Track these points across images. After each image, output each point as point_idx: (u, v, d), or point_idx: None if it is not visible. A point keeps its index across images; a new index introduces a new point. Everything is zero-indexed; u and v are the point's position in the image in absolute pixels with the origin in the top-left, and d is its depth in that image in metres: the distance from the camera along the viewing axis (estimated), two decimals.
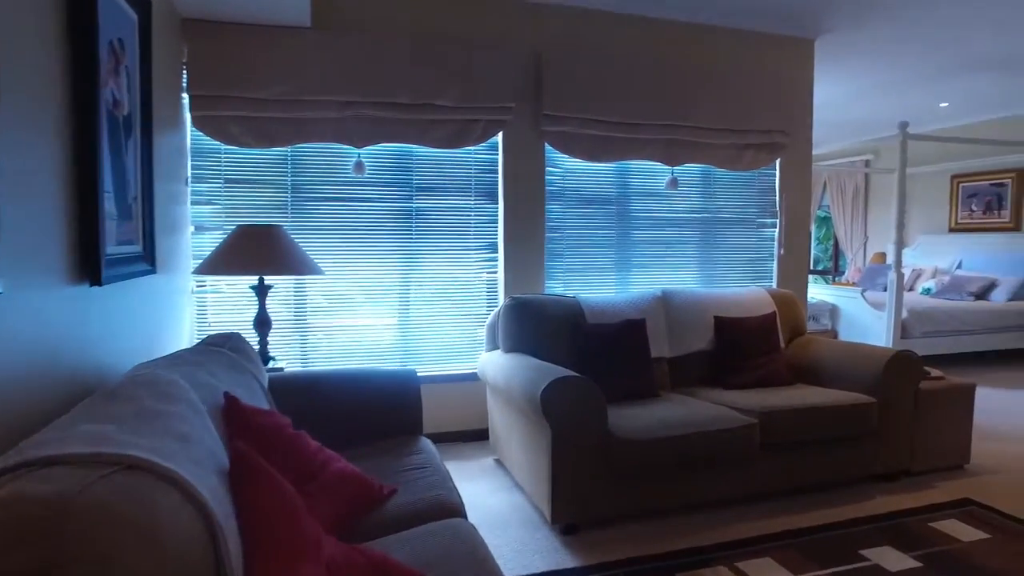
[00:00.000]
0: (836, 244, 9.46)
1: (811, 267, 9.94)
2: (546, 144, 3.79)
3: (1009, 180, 6.99)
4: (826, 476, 2.97)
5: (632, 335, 3.17)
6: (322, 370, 2.56)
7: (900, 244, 5.49)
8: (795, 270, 4.44)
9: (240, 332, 2.49)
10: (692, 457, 2.59)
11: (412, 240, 3.66)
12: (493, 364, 3.13)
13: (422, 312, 3.72)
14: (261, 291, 3.01)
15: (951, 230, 7.59)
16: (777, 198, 4.37)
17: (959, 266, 7.17)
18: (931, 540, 2.53)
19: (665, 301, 3.50)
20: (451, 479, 2.04)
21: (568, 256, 3.94)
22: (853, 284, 7.74)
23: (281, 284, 3.51)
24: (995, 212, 7.14)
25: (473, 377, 3.71)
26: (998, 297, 6.37)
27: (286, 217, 3.48)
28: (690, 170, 4.19)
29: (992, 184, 7.15)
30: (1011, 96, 6.24)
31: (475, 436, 3.78)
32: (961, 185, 7.47)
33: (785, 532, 2.59)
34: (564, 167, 3.90)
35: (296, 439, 1.74)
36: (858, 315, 5.94)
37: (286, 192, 3.48)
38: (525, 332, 3.15)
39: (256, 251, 2.80)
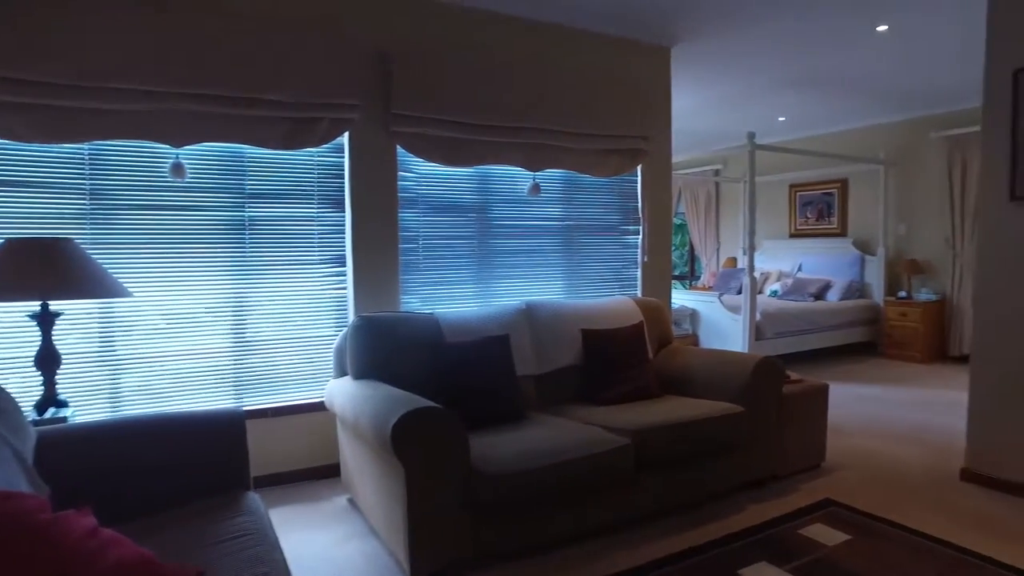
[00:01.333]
0: (692, 250, 9.87)
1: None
2: (398, 147, 3.47)
3: (835, 189, 7.57)
4: (700, 491, 2.87)
5: (495, 353, 2.92)
6: (121, 417, 2.07)
7: (752, 249, 5.70)
8: (659, 277, 4.42)
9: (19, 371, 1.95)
10: (566, 486, 2.37)
11: (246, 254, 3.20)
12: (341, 393, 2.76)
13: (261, 336, 3.25)
14: (45, 320, 2.44)
15: (791, 235, 8.11)
16: (640, 205, 4.33)
17: (800, 269, 7.67)
18: (801, 549, 2.48)
19: (529, 314, 3.29)
20: (279, 548, 1.66)
21: (425, 268, 3.64)
22: (709, 288, 8.06)
23: (80, 311, 2.91)
24: (826, 219, 7.70)
25: (323, 406, 3.30)
26: (832, 297, 6.84)
27: (84, 229, 2.89)
28: (553, 176, 4.04)
29: (823, 193, 7.72)
30: (837, 113, 6.74)
31: (328, 472, 3.37)
32: (798, 193, 8.01)
33: (666, 558, 2.44)
34: (419, 172, 3.60)
35: (51, 527, 1.29)
36: (717, 319, 6.11)
37: (84, 198, 2.90)
38: (376, 355, 2.81)
39: (35, 271, 2.26)
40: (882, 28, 4.23)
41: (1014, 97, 2.97)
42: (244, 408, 3.19)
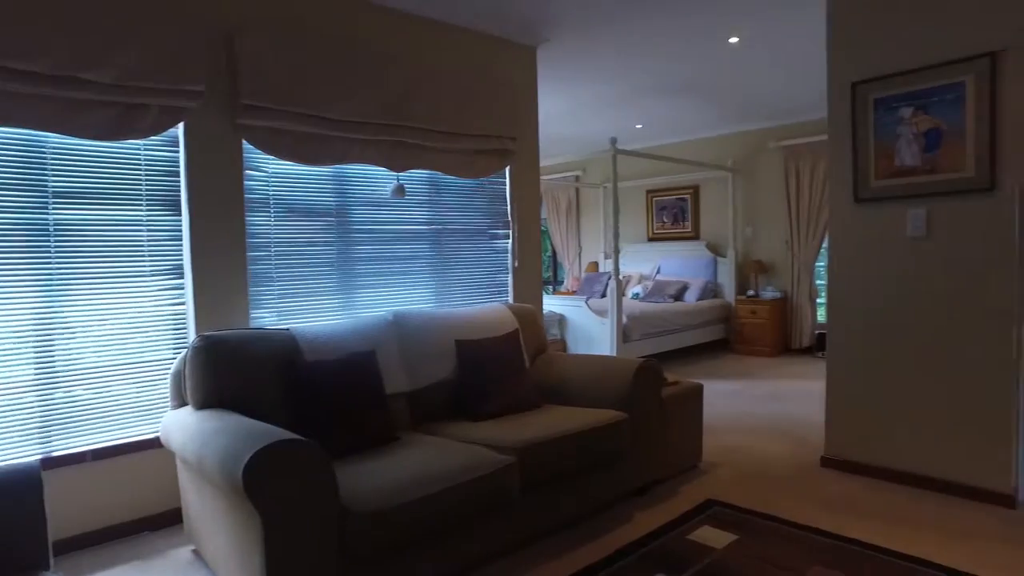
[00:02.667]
0: (554, 255, 9.97)
1: None
2: (245, 142, 3.07)
3: (688, 195, 7.95)
4: (588, 504, 2.75)
5: (361, 370, 2.63)
6: None
7: (617, 252, 5.78)
8: (530, 282, 4.31)
9: None
10: (446, 515, 2.13)
11: (52, 265, 2.65)
12: (180, 427, 2.34)
13: (76, 365, 2.71)
14: None
15: (650, 239, 8.41)
16: (509, 208, 4.19)
17: (659, 271, 7.96)
18: (694, 555, 2.42)
19: (398, 326, 3.02)
20: None
21: (280, 279, 3.24)
22: (573, 293, 8.15)
23: None
24: (681, 223, 8.06)
25: (160, 443, 2.81)
26: (690, 298, 7.14)
27: None
28: (418, 177, 3.79)
29: (677, 198, 8.08)
30: (690, 121, 7.07)
31: (167, 520, 2.88)
32: (654, 199, 8.32)
33: None
34: (270, 171, 3.21)
35: None
36: (584, 323, 6.14)
37: None
38: (221, 380, 2.41)
39: None
40: (734, 40, 4.41)
41: (852, 108, 3.15)
42: (55, 454, 2.65)
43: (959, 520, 2.70)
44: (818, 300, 6.93)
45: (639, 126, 7.29)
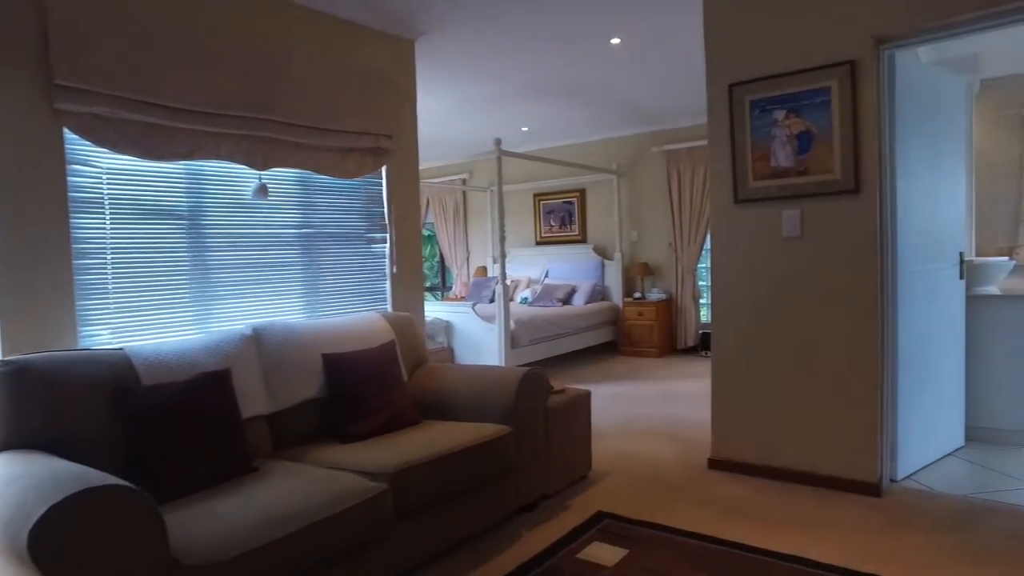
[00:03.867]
0: (442, 260, 9.75)
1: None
2: (67, 131, 2.63)
3: (575, 198, 7.98)
4: (473, 527, 2.55)
5: (211, 393, 2.30)
6: None
7: (504, 256, 5.65)
8: (410, 289, 4.07)
9: None
10: (305, 559, 1.87)
11: None
12: None
13: None
14: None
15: (537, 243, 8.38)
16: (386, 210, 3.94)
17: (547, 275, 7.92)
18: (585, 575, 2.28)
19: (258, 341, 2.70)
20: None
21: (117, 291, 2.82)
22: (462, 298, 7.96)
23: None
24: (568, 226, 8.08)
25: None
26: (578, 301, 7.15)
27: None
28: (286, 176, 3.46)
29: (564, 202, 8.09)
30: (576, 125, 7.08)
31: None
32: (541, 202, 8.30)
33: None
34: (104, 166, 2.79)
35: None
36: (471, 329, 5.96)
37: None
38: (29, 415, 2.01)
39: None
40: (615, 41, 4.39)
41: (730, 110, 3.17)
42: None
43: (831, 513, 2.74)
44: (701, 301, 7.13)
45: (525, 129, 7.23)
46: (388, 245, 3.94)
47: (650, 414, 4.59)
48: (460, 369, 3.12)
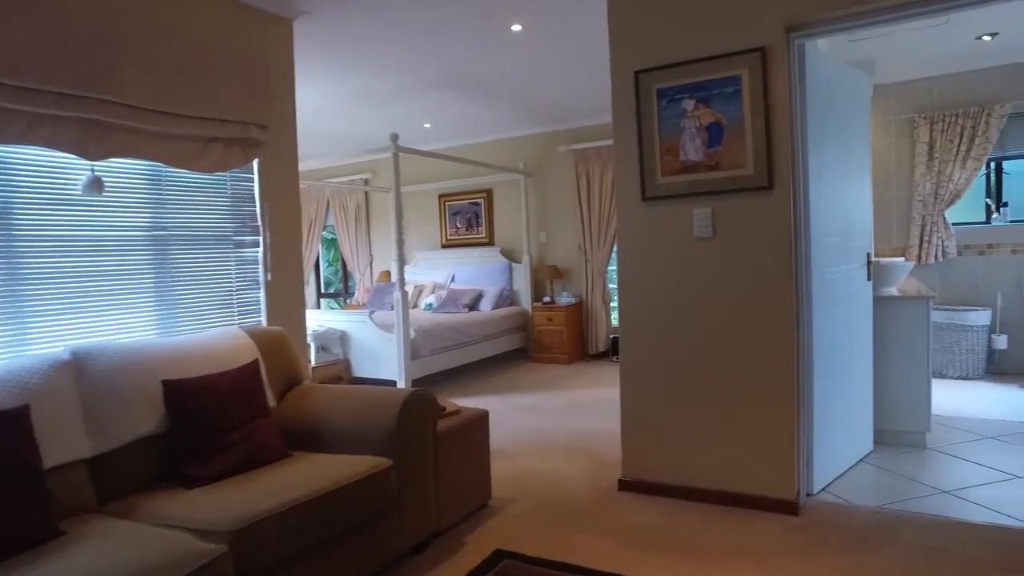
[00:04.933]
0: (344, 265, 9.19)
1: (323, 290, 9.49)
2: None
3: (482, 199, 7.66)
4: None
5: None
6: None
7: (402, 260, 5.24)
8: (290, 298, 3.60)
9: None
10: None
11: None
12: None
13: None
14: None
15: (443, 246, 7.99)
16: (259, 209, 3.46)
17: (453, 280, 7.55)
18: None
19: (78, 367, 2.19)
20: None
21: None
22: (364, 306, 7.47)
23: None
24: (475, 228, 7.75)
25: None
26: (485, 306, 6.82)
27: None
28: (130, 168, 2.93)
29: (470, 203, 7.75)
30: (481, 122, 6.75)
31: None
32: (447, 203, 7.92)
33: None
34: None
35: None
36: (368, 340, 5.51)
37: None
38: None
39: None
40: (517, 28, 4.09)
41: (636, 99, 2.92)
42: None
43: (749, 538, 2.53)
44: (612, 304, 6.97)
45: (427, 125, 6.84)
46: (261, 249, 3.46)
47: (559, 427, 4.31)
48: (340, 391, 2.70)
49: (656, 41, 2.87)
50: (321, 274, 9.48)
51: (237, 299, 3.37)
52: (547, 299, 6.98)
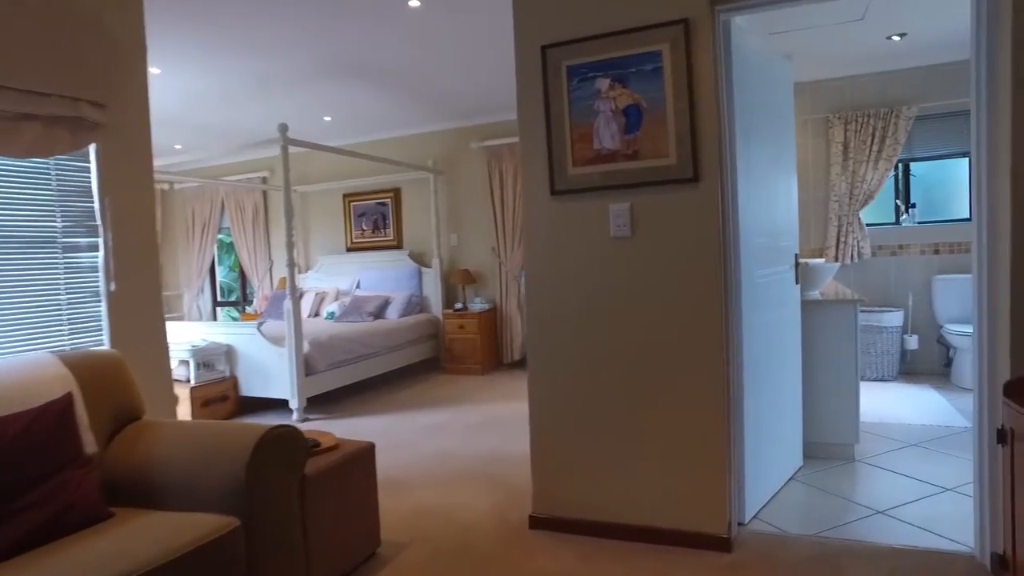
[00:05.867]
0: (243, 271, 8.43)
1: (220, 299, 8.68)
2: None
3: (389, 199, 7.15)
4: None
5: None
6: None
7: (293, 266, 4.69)
8: (144, 311, 3.01)
9: None
10: None
11: None
12: None
13: None
14: None
15: (348, 249, 7.43)
16: (97, 206, 2.86)
17: (358, 286, 7.00)
18: None
19: None
20: None
21: None
22: (261, 315, 6.80)
23: None
24: (382, 230, 7.22)
25: None
26: (392, 314, 6.32)
27: None
28: None
29: (377, 203, 7.22)
30: (385, 117, 6.25)
31: None
32: (352, 203, 7.36)
33: None
34: None
35: None
36: (257, 355, 4.91)
37: None
38: None
39: None
40: (414, 3, 3.64)
41: (544, 78, 2.54)
42: None
43: None
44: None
45: (328, 119, 6.27)
46: (102, 254, 2.86)
47: (467, 450, 3.89)
48: (184, 429, 2.18)
49: (566, 12, 2.50)
50: (218, 281, 8.69)
51: (69, 315, 2.76)
52: (459, 305, 6.55)
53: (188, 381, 4.73)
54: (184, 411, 4.57)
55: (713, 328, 2.37)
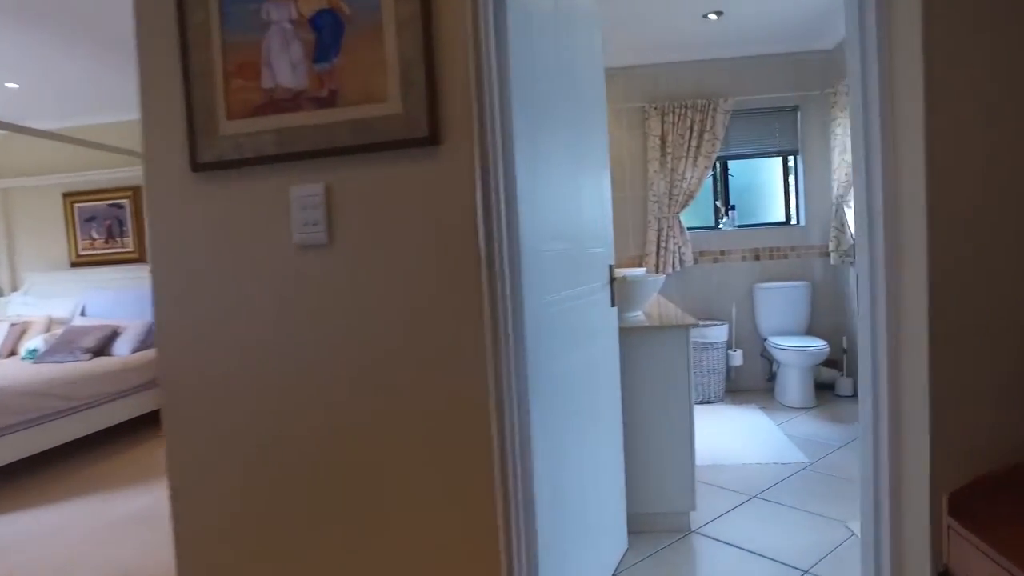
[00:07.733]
0: None
1: None
2: None
3: (127, 199, 5.57)
4: None
5: None
6: None
7: None
8: None
9: None
10: None
11: None
12: None
13: None
14: None
15: (73, 264, 5.71)
16: None
17: (83, 312, 5.34)
18: None
19: None
20: None
21: None
22: None
23: None
24: (117, 240, 5.61)
25: None
26: (121, 350, 4.78)
27: None
28: None
29: (111, 204, 5.60)
30: (108, 89, 4.72)
31: None
32: (77, 206, 5.66)
33: None
34: None
35: None
36: None
37: None
38: None
39: None
40: None
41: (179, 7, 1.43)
42: None
43: None
44: None
45: (13, 86, 4.61)
46: None
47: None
48: None
49: None
50: None
51: None
52: None
53: None
54: None
55: (471, 388, 1.39)
